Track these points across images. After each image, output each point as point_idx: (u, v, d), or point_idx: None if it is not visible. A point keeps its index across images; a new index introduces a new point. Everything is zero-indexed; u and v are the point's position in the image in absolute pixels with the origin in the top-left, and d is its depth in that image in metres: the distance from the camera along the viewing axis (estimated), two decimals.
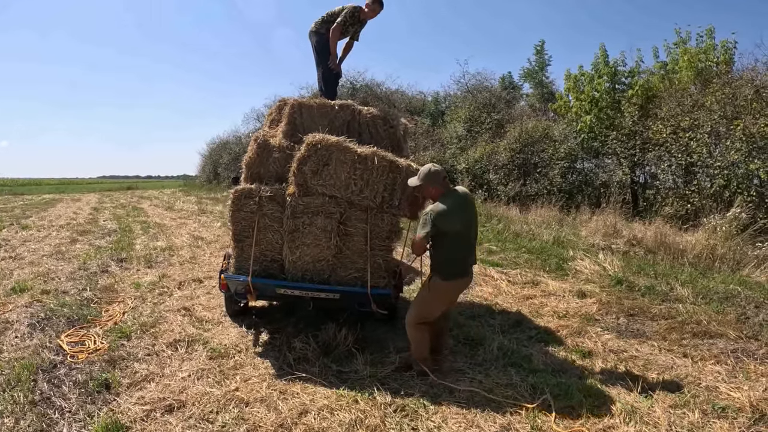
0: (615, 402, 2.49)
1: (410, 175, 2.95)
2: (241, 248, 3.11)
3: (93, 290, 4.52)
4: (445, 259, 2.66)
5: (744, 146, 7.00)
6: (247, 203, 3.07)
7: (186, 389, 2.57)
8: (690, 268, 5.75)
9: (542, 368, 2.95)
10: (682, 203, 7.75)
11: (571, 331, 3.70)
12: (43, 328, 3.40)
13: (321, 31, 4.13)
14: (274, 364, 2.91)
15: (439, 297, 2.74)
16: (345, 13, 4.02)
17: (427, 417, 2.33)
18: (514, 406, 2.45)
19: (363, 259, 3.01)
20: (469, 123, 12.91)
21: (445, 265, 2.67)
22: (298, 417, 2.30)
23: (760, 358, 3.15)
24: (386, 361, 2.98)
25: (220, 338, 3.35)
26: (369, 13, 4.11)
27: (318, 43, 4.16)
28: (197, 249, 6.82)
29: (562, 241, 7.13)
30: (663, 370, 3.01)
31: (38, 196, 18.87)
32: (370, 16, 4.15)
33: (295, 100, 3.39)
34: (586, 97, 10.24)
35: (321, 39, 4.14)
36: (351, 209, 3.02)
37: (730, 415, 2.39)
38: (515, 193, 10.33)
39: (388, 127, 3.33)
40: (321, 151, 2.93)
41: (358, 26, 4.22)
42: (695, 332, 3.65)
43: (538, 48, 15.30)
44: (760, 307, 4.24)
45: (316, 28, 4.18)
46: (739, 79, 8.05)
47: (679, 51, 9.89)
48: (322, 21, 4.16)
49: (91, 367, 2.83)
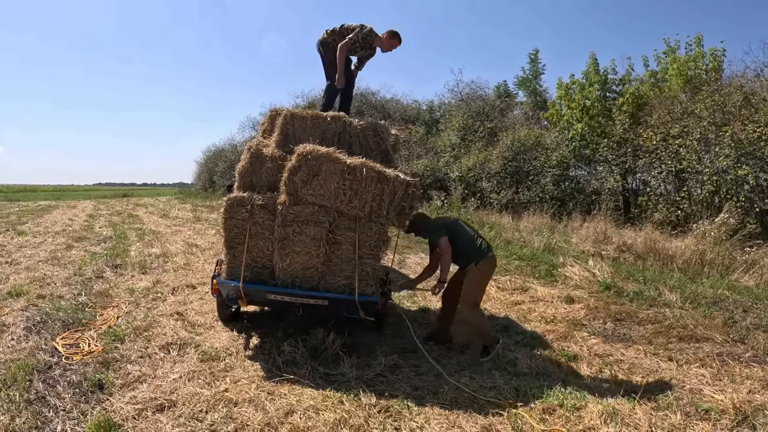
0: (597, 404, 2.51)
1: (398, 185, 3.05)
2: (233, 254, 3.18)
3: (88, 295, 4.57)
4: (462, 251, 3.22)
5: (733, 152, 7.13)
6: (239, 211, 3.15)
7: (177, 390, 2.64)
8: (679, 273, 5.83)
9: (527, 371, 3.01)
10: (672, 209, 7.87)
11: (558, 336, 3.76)
12: (39, 331, 3.46)
13: (328, 40, 3.97)
14: (264, 367, 2.97)
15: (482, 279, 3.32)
16: (358, 32, 3.80)
17: (411, 418, 2.39)
18: (497, 407, 2.51)
19: (351, 266, 3.09)
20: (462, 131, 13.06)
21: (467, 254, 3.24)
22: (285, 417, 2.36)
23: (746, 361, 3.19)
24: (373, 363, 3.05)
25: (212, 342, 3.41)
26: (385, 45, 3.92)
27: (327, 54, 3.99)
28: (191, 256, 6.87)
29: (553, 248, 7.21)
30: (647, 373, 3.05)
31: (34, 203, 18.85)
32: (386, 48, 3.95)
33: (288, 110, 3.48)
34: (577, 105, 10.40)
35: (329, 49, 3.97)
36: (340, 218, 3.11)
37: (713, 416, 2.43)
38: (507, 200, 10.44)
39: (378, 138, 3.42)
40: (311, 162, 3.02)
41: (367, 52, 4.00)
42: (681, 336, 3.71)
43: (532, 57, 15.53)
44: (748, 311, 4.30)
45: (325, 38, 4.01)
46: (728, 86, 8.22)
47: (668, 59, 10.09)
48: (333, 32, 3.97)
49: (85, 368, 2.90)
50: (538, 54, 15.53)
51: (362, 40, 3.86)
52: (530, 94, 15.21)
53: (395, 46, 3.97)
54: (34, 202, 19.90)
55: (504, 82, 16.36)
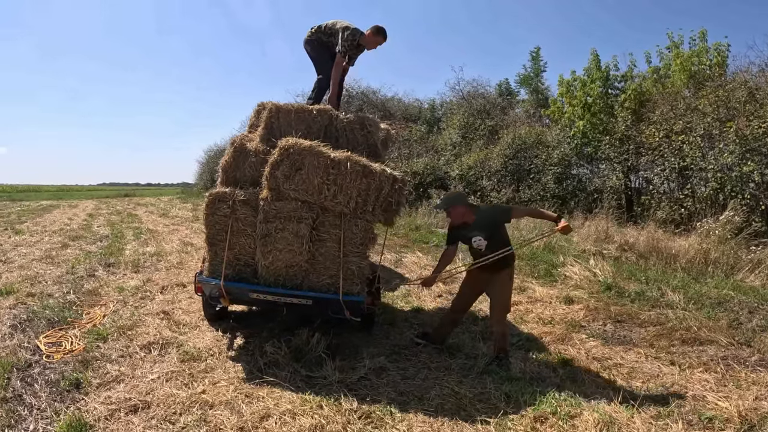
0: (593, 412, 2.37)
1: (384, 180, 2.93)
2: (215, 252, 3.10)
3: (77, 293, 4.53)
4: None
5: (737, 148, 6.94)
6: (220, 207, 3.06)
7: (153, 390, 2.58)
8: (682, 273, 5.67)
9: (519, 376, 2.87)
10: (676, 207, 7.69)
11: (555, 338, 3.63)
12: (24, 329, 3.43)
13: (312, 38, 3.99)
14: (245, 368, 2.89)
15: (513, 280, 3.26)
16: (345, 41, 3.72)
17: (392, 424, 2.28)
18: (484, 415, 2.38)
19: (336, 265, 2.99)
20: (463, 129, 12.94)
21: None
22: (260, 421, 2.27)
23: (752, 366, 3.05)
24: (358, 366, 2.94)
25: (195, 341, 3.33)
26: (371, 43, 3.87)
27: (313, 50, 4.01)
28: (185, 254, 6.81)
29: (554, 247, 7.07)
30: (648, 378, 2.92)
31: (36, 203, 18.96)
32: (372, 46, 3.91)
33: (273, 104, 3.38)
34: (578, 102, 10.23)
35: (314, 46, 4.01)
36: (324, 214, 3.00)
37: (716, 425, 2.29)
38: (508, 199, 10.29)
39: (366, 132, 3.31)
40: (294, 156, 2.91)
41: (356, 51, 3.98)
42: (684, 339, 3.56)
43: (533, 54, 15.38)
44: (753, 312, 4.15)
45: (310, 36, 4.04)
46: (732, 81, 8.03)
47: (671, 55, 9.89)
48: (318, 30, 3.97)
49: (64, 367, 2.86)
50: (540, 51, 15.40)
51: (350, 47, 3.81)
52: (532, 92, 15.05)
53: (380, 43, 3.91)
54: (36, 201, 20.02)
55: (506, 80, 16.26)
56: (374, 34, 3.81)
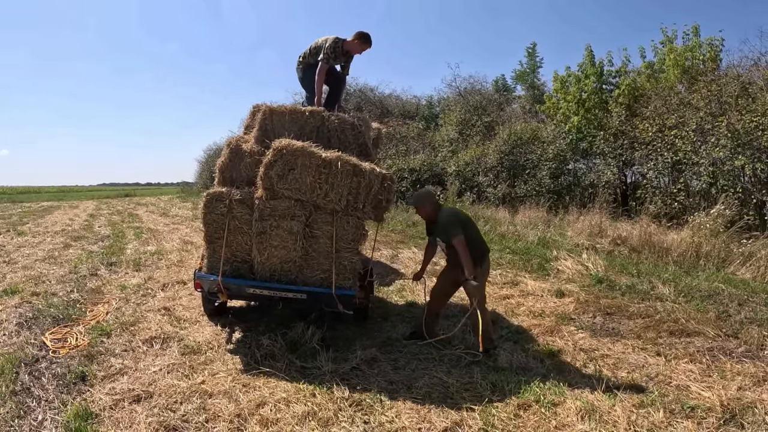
0: (575, 400, 2.44)
1: (373, 178, 3.03)
2: (213, 249, 3.21)
3: (80, 292, 4.63)
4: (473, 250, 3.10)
5: (729, 142, 7.01)
6: (218, 206, 3.17)
7: (155, 382, 2.69)
8: (674, 266, 5.76)
9: (506, 366, 2.97)
10: (669, 201, 7.77)
11: (544, 330, 3.70)
12: (30, 326, 3.53)
13: (310, 61, 3.97)
14: (242, 360, 3.00)
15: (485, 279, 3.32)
16: (328, 50, 3.80)
17: (382, 411, 2.39)
18: (470, 402, 2.48)
19: (329, 260, 3.09)
20: (460, 126, 12.99)
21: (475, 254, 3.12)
22: (256, 408, 2.39)
23: (738, 357, 3.09)
24: (350, 357, 3.05)
25: (195, 336, 3.45)
26: (355, 48, 3.93)
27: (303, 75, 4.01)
28: (185, 253, 6.92)
29: (548, 241, 7.17)
30: (633, 368, 2.98)
31: (37, 204, 19.06)
32: (357, 51, 3.96)
33: (267, 106, 3.48)
34: (573, 98, 10.30)
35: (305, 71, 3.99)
36: (317, 212, 3.11)
37: (698, 414, 2.33)
38: (504, 194, 10.38)
39: (356, 132, 3.40)
40: (287, 156, 3.02)
41: (344, 58, 4.01)
42: (672, 331, 3.62)
43: (529, 50, 15.40)
44: (743, 305, 4.20)
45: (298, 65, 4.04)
46: (725, 75, 8.09)
47: (665, 50, 9.94)
48: (305, 56, 3.99)
49: (70, 361, 2.97)
50: (536, 47, 15.42)
51: (332, 52, 3.86)
52: (528, 88, 15.09)
53: (365, 48, 3.97)
54: (36, 203, 20.12)
55: (502, 76, 16.30)
56: (358, 39, 3.90)
